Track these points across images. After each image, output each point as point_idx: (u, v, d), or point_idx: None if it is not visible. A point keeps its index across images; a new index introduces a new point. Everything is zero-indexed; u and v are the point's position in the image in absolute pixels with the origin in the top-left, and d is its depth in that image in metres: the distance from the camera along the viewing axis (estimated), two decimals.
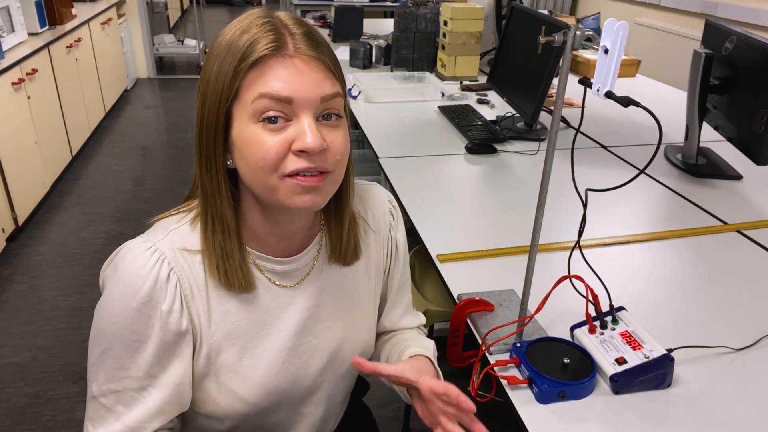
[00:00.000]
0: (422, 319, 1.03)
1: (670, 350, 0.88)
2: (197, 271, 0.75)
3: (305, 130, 0.67)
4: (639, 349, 0.89)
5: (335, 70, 0.72)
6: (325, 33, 3.58)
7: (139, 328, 0.72)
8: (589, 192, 0.85)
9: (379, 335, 1.01)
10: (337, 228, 0.83)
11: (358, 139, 3.47)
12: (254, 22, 0.69)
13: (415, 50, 2.64)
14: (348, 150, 0.74)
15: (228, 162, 0.72)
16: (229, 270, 0.75)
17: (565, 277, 0.91)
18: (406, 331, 1.01)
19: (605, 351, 0.90)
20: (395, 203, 0.94)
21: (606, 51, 0.73)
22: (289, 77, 0.67)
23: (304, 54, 0.68)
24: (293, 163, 0.68)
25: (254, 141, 0.68)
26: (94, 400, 0.76)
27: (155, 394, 0.76)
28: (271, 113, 0.67)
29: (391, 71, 2.67)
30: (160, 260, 0.73)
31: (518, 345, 0.93)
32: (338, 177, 0.74)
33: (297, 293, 0.83)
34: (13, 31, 3.01)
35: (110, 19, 4.63)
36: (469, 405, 0.75)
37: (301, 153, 0.68)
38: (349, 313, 0.89)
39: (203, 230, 0.75)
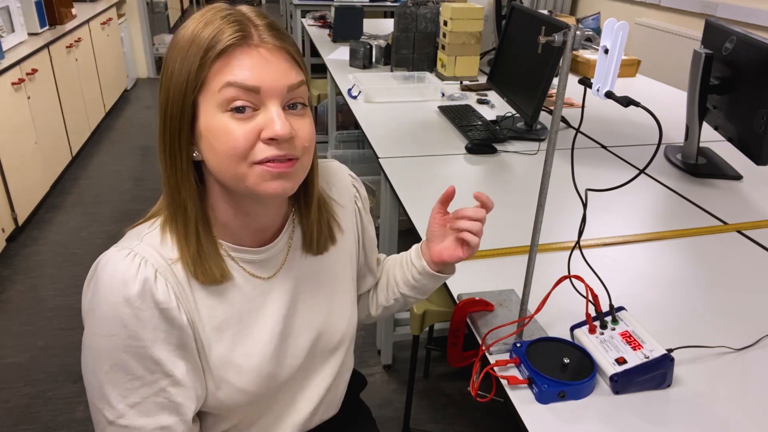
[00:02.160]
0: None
1: (670, 350, 0.88)
2: (178, 270, 0.75)
3: (274, 118, 0.69)
4: (639, 349, 0.89)
5: (299, 60, 0.74)
6: (325, 33, 3.58)
7: (141, 332, 0.71)
8: (589, 192, 0.85)
9: (377, 285, 1.07)
10: (307, 215, 0.86)
11: (358, 139, 3.48)
12: (216, 14, 0.70)
13: (415, 50, 2.64)
14: (314, 138, 0.77)
15: (194, 154, 0.73)
16: (204, 262, 0.75)
17: (565, 277, 0.91)
18: (386, 264, 1.07)
19: (605, 351, 0.90)
20: (354, 174, 0.98)
21: (606, 51, 0.73)
22: (254, 66, 0.68)
23: (269, 44, 0.70)
24: (263, 152, 0.70)
25: (223, 130, 0.69)
26: (111, 426, 0.74)
27: (177, 391, 0.75)
28: (239, 103, 0.68)
29: (391, 71, 2.67)
30: (142, 263, 0.72)
31: (518, 345, 0.93)
32: (307, 163, 0.76)
33: (276, 280, 0.84)
34: (13, 31, 3.01)
35: (110, 19, 4.63)
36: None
37: (271, 141, 0.69)
38: (329, 289, 0.91)
39: (174, 228, 0.75)
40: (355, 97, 2.30)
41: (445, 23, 2.45)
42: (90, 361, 0.73)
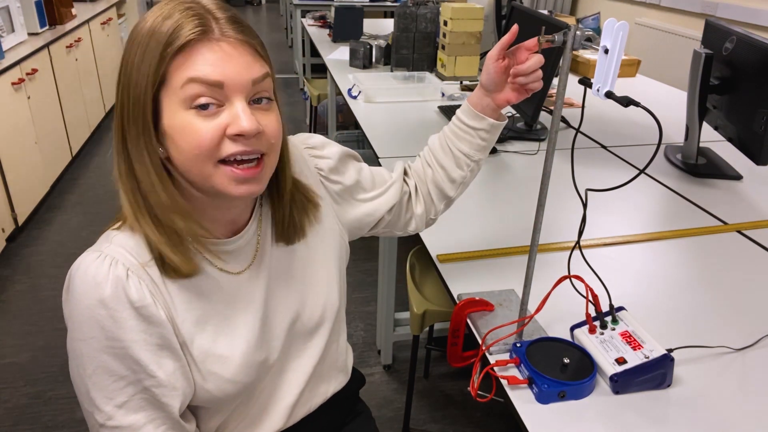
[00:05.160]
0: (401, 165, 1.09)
1: (670, 350, 0.88)
2: (150, 267, 0.74)
3: (239, 114, 0.68)
4: (639, 349, 0.89)
5: (263, 53, 0.72)
6: (325, 33, 3.58)
7: (118, 333, 0.71)
8: (589, 192, 0.85)
9: (444, 171, 1.06)
10: (279, 205, 0.85)
11: (358, 139, 3.48)
12: (176, 8, 0.68)
13: (415, 50, 2.64)
14: (281, 133, 0.75)
15: (160, 151, 0.71)
16: (176, 255, 0.74)
17: (565, 277, 0.91)
18: (433, 149, 1.08)
19: (605, 351, 0.90)
20: (309, 140, 0.95)
21: (606, 51, 0.73)
22: (217, 61, 0.67)
23: (231, 37, 0.69)
24: (229, 148, 0.69)
25: (187, 128, 0.68)
26: (103, 429, 0.74)
27: (162, 391, 0.75)
28: (203, 100, 0.67)
29: (391, 71, 2.67)
30: (113, 263, 0.71)
31: (518, 345, 0.93)
32: (274, 160, 0.75)
33: (251, 270, 0.84)
34: (13, 31, 3.01)
35: (110, 19, 4.63)
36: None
37: (237, 137, 0.69)
38: (305, 270, 0.90)
39: (139, 227, 0.73)
40: (355, 97, 2.30)
41: (445, 23, 2.45)
42: (75, 367, 0.73)
